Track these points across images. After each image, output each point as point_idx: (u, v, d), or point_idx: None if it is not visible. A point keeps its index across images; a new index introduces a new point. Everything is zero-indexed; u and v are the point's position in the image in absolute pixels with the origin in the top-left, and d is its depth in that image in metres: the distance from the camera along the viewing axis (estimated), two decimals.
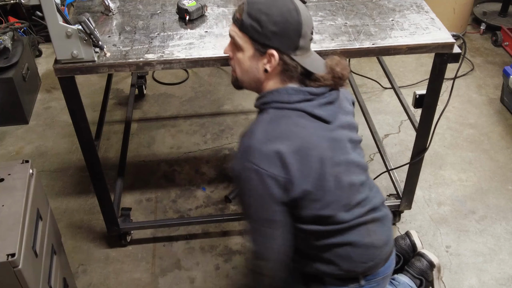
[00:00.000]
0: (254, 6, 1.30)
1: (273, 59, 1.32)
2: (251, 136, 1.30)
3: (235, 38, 1.35)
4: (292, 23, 1.30)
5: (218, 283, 2.22)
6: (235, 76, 1.44)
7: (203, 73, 3.49)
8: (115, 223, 2.22)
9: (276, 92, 1.35)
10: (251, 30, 1.30)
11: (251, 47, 1.33)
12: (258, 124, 1.33)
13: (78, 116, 1.82)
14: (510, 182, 2.68)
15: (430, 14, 1.96)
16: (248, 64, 1.36)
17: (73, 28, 1.57)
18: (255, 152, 1.27)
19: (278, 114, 1.33)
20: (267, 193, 1.28)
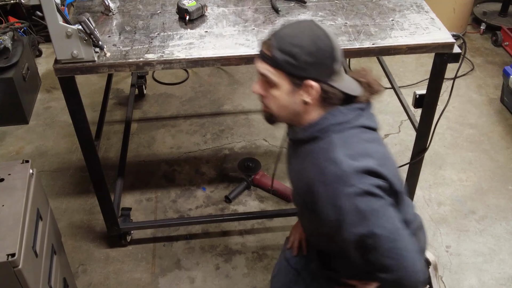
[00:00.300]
0: (284, 40, 1.24)
1: (312, 89, 1.26)
2: (335, 164, 1.23)
3: (268, 76, 1.26)
4: (325, 49, 1.25)
5: (218, 283, 2.22)
6: (269, 113, 1.34)
7: (203, 73, 3.49)
8: (115, 223, 2.22)
9: (330, 115, 1.30)
10: (285, 65, 1.23)
11: (287, 81, 1.26)
12: (332, 151, 1.25)
13: (78, 116, 1.82)
14: (510, 182, 2.68)
15: (430, 14, 1.96)
16: (286, 99, 1.28)
17: (73, 28, 1.57)
18: (350, 175, 1.21)
19: (344, 136, 1.28)
20: (382, 202, 1.24)
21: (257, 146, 2.90)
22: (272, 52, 1.24)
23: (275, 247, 2.36)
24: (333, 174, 1.22)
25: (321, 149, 1.27)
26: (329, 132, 1.28)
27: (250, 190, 2.64)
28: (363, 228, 1.21)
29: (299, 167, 1.35)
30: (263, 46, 1.28)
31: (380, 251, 1.23)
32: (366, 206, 1.20)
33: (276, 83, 1.26)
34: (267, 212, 2.46)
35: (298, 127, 1.33)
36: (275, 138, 2.95)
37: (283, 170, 2.72)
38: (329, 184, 1.22)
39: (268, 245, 2.38)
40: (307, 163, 1.30)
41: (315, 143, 1.30)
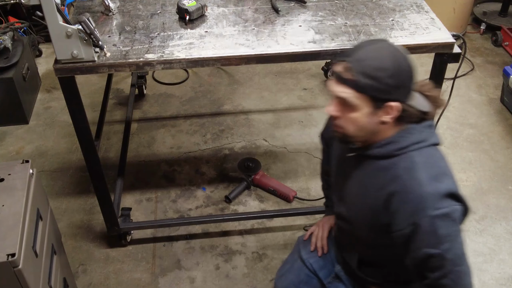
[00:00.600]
0: (365, 63, 1.23)
1: (393, 110, 1.27)
2: (420, 186, 1.26)
3: (348, 100, 1.26)
4: (407, 71, 1.27)
5: (218, 283, 2.22)
6: (343, 133, 1.34)
7: (203, 73, 3.49)
8: (115, 223, 2.22)
9: (408, 134, 1.32)
10: (369, 89, 1.23)
11: (368, 104, 1.26)
12: (417, 172, 1.27)
13: (78, 116, 1.82)
14: (510, 182, 2.68)
15: (430, 14, 1.96)
16: (364, 121, 1.28)
17: (73, 28, 1.57)
18: (434, 197, 1.24)
19: (423, 155, 1.31)
20: (457, 228, 1.28)
21: (257, 146, 2.90)
22: (354, 76, 1.23)
23: (275, 247, 2.36)
24: (418, 194, 1.25)
25: (404, 169, 1.29)
26: (408, 151, 1.31)
27: (250, 190, 2.64)
28: (435, 250, 1.25)
29: (369, 181, 1.36)
30: (342, 69, 1.26)
31: (443, 271, 1.28)
32: (443, 230, 1.24)
33: (357, 106, 1.26)
34: (267, 212, 2.46)
35: (373, 144, 1.34)
36: (275, 138, 2.95)
37: (283, 170, 2.73)
38: (413, 204, 1.25)
39: (268, 245, 2.38)
40: (383, 179, 1.32)
41: (392, 160, 1.32)
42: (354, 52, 1.27)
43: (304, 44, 1.79)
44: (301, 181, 2.68)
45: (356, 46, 1.30)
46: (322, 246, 1.74)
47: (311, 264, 1.72)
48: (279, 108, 3.18)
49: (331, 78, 1.32)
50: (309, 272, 1.72)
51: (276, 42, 1.80)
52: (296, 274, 1.74)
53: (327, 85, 1.32)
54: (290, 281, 1.74)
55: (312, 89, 3.34)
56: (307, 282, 1.72)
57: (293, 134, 2.98)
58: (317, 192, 2.61)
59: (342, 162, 1.50)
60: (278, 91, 3.32)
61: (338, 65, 1.28)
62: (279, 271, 1.82)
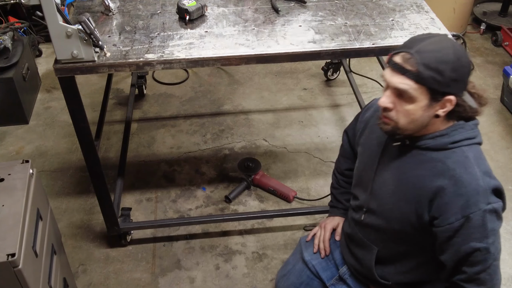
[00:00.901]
0: (429, 55, 1.23)
1: (449, 104, 1.29)
2: (475, 179, 1.29)
3: (407, 91, 1.25)
4: (466, 66, 1.28)
5: (218, 283, 2.22)
6: (393, 126, 1.34)
7: (203, 73, 3.49)
8: (115, 223, 2.22)
9: (461, 129, 1.34)
10: (431, 81, 1.23)
11: (427, 97, 1.26)
12: (471, 166, 1.31)
13: (78, 116, 1.82)
14: (510, 182, 2.68)
15: (430, 14, 1.96)
16: (419, 114, 1.29)
17: (73, 28, 1.57)
18: (487, 192, 1.29)
19: (473, 152, 1.34)
20: (500, 223, 1.32)
21: (257, 146, 2.90)
22: (416, 67, 1.23)
23: (275, 247, 2.36)
24: (472, 188, 1.28)
25: (457, 162, 1.31)
26: (460, 145, 1.33)
27: (250, 190, 2.64)
28: (481, 244, 1.28)
29: (413, 173, 1.37)
30: (403, 60, 1.26)
31: (484, 266, 1.30)
32: (491, 224, 1.28)
33: (414, 98, 1.26)
34: (267, 212, 2.46)
35: (424, 136, 1.35)
36: (275, 138, 2.95)
37: (283, 170, 2.73)
38: (466, 197, 1.28)
39: (268, 245, 2.38)
40: (430, 170, 1.34)
41: (443, 153, 1.33)
42: (414, 43, 1.27)
43: (304, 44, 1.79)
44: (301, 181, 2.69)
45: (414, 38, 1.30)
46: (325, 248, 1.74)
47: (314, 266, 1.72)
48: (279, 108, 3.18)
49: (387, 68, 1.31)
50: (310, 273, 1.72)
51: (276, 42, 1.80)
52: (297, 275, 1.74)
53: (383, 74, 1.33)
54: (291, 282, 1.74)
55: (312, 89, 3.34)
56: (308, 283, 1.72)
57: (293, 134, 2.99)
58: (317, 192, 2.61)
59: (378, 153, 1.49)
60: (278, 91, 3.32)
61: (396, 55, 1.28)
62: (280, 271, 1.82)
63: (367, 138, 1.57)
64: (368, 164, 1.53)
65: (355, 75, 3.19)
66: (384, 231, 1.49)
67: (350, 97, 3.22)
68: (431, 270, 1.50)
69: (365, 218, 1.55)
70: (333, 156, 2.82)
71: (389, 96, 1.31)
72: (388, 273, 1.55)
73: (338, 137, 2.96)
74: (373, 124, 1.55)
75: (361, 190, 1.57)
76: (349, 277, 1.67)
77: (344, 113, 3.14)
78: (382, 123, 1.36)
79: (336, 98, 3.26)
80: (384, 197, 1.45)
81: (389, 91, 1.31)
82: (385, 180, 1.45)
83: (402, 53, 1.27)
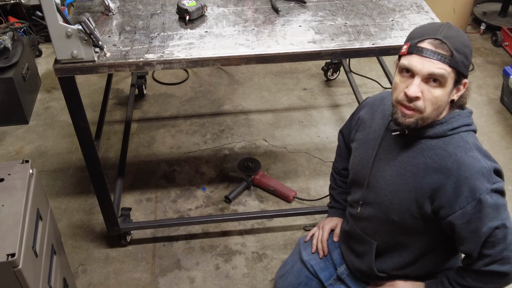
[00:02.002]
0: (455, 40, 1.28)
1: (463, 87, 1.34)
2: (478, 161, 1.32)
3: (444, 76, 1.27)
4: (472, 49, 1.34)
5: (218, 283, 2.22)
6: (418, 117, 1.33)
7: (203, 73, 3.49)
8: (115, 223, 2.22)
9: (458, 116, 1.38)
10: (461, 64, 1.28)
11: (453, 81, 1.30)
12: (471, 150, 1.34)
13: (78, 116, 1.82)
14: (510, 182, 2.68)
15: (430, 14, 1.96)
16: (444, 98, 1.31)
17: (73, 28, 1.57)
18: (491, 173, 1.31)
19: (472, 136, 1.38)
20: (505, 200, 1.36)
21: (257, 146, 2.90)
22: (450, 52, 1.27)
23: (275, 247, 2.36)
24: (478, 170, 1.30)
25: (458, 147, 1.34)
26: (459, 131, 1.37)
27: (250, 190, 2.64)
28: (498, 222, 1.31)
29: (415, 161, 1.39)
30: (431, 46, 1.28)
31: (505, 243, 1.33)
32: (500, 201, 1.32)
33: (446, 82, 1.29)
34: (267, 212, 2.46)
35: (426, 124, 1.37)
36: (275, 138, 2.95)
37: (283, 170, 2.73)
38: (473, 179, 1.30)
39: (268, 245, 2.38)
40: (432, 158, 1.36)
41: (443, 139, 1.36)
42: (436, 30, 1.29)
43: (304, 44, 1.79)
44: (301, 181, 2.69)
45: (427, 27, 1.33)
46: (323, 248, 1.74)
47: (312, 266, 1.72)
48: (279, 108, 3.19)
49: (411, 56, 1.30)
50: (309, 273, 1.72)
51: (276, 42, 1.80)
52: (296, 275, 1.74)
53: (407, 64, 1.30)
54: (290, 282, 1.74)
55: (312, 89, 3.34)
56: (306, 283, 1.72)
57: (293, 134, 2.99)
58: (317, 192, 2.61)
59: (376, 145, 1.49)
60: (278, 91, 3.32)
61: (423, 42, 1.29)
62: (279, 271, 1.82)
63: (362, 133, 1.58)
64: (364, 159, 1.53)
65: (355, 75, 3.19)
66: (382, 223, 1.50)
67: (350, 97, 3.22)
68: (430, 264, 1.51)
69: (362, 211, 1.55)
70: (333, 156, 2.79)
71: (418, 84, 1.30)
72: (388, 267, 1.55)
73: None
74: (369, 119, 1.56)
75: (358, 185, 1.57)
76: (347, 277, 1.67)
77: (344, 113, 3.14)
78: (403, 116, 1.34)
79: (336, 98, 3.26)
80: (382, 189, 1.46)
81: (417, 79, 1.29)
82: (383, 171, 1.46)
83: (430, 39, 1.28)
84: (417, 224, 1.41)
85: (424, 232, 1.43)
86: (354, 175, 1.60)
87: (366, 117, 1.58)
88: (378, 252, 1.55)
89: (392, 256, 1.54)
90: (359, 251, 1.61)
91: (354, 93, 2.97)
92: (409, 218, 1.41)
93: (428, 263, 1.51)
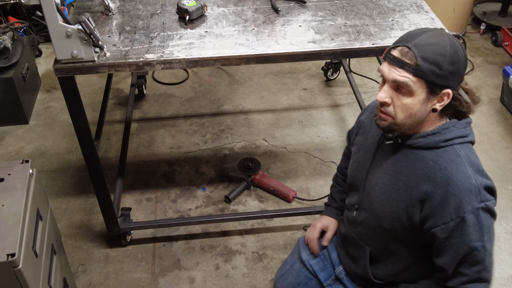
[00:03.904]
0: (427, 49, 1.23)
1: (446, 97, 1.29)
2: (468, 178, 1.28)
3: (407, 84, 1.25)
4: (463, 59, 1.28)
5: (218, 283, 2.22)
6: (391, 121, 1.33)
7: (203, 73, 3.49)
8: (115, 223, 2.22)
9: (453, 127, 1.34)
10: (429, 74, 1.23)
11: (425, 90, 1.25)
12: (463, 165, 1.30)
13: (78, 116, 1.82)
14: (510, 182, 2.68)
15: (430, 14, 1.96)
16: (417, 108, 1.28)
17: (73, 28, 1.57)
18: (479, 190, 1.28)
19: (465, 150, 1.33)
20: (493, 221, 1.32)
21: (257, 146, 2.90)
22: (415, 60, 1.23)
23: (275, 247, 2.36)
24: (465, 187, 1.27)
25: (450, 161, 1.31)
26: (452, 144, 1.33)
27: (250, 190, 2.64)
28: (478, 243, 1.28)
29: (406, 171, 1.37)
30: (399, 53, 1.26)
31: (483, 265, 1.31)
32: (485, 222, 1.28)
33: (413, 91, 1.26)
34: (267, 212, 2.46)
35: (415, 134, 1.35)
36: (275, 138, 2.95)
37: (283, 170, 2.73)
38: (459, 196, 1.27)
39: (268, 245, 2.38)
40: (423, 170, 1.33)
41: (435, 151, 1.33)
42: (411, 37, 1.26)
43: (304, 44, 1.79)
44: (301, 181, 2.69)
45: (410, 32, 1.30)
46: (313, 247, 1.74)
47: (311, 266, 1.72)
48: (279, 108, 3.19)
49: (384, 62, 1.30)
50: (308, 273, 1.72)
51: (276, 42, 1.80)
52: (295, 275, 1.74)
53: (380, 69, 1.31)
54: (289, 282, 1.74)
55: (312, 89, 3.34)
56: (306, 283, 1.72)
57: (293, 134, 2.99)
58: (316, 192, 2.61)
59: (372, 152, 1.49)
60: (278, 91, 3.32)
61: (394, 50, 1.27)
62: (279, 271, 1.82)
63: (361, 137, 1.58)
64: (361, 163, 1.53)
65: (355, 75, 3.19)
66: (374, 230, 1.50)
67: (350, 97, 3.22)
68: (425, 271, 1.50)
69: (357, 216, 1.55)
70: (333, 156, 2.82)
71: (386, 90, 1.30)
72: (383, 274, 1.55)
73: (338, 137, 2.96)
74: (368, 124, 1.55)
75: (354, 189, 1.57)
76: (345, 277, 1.67)
77: (344, 113, 3.14)
78: (379, 119, 1.36)
79: (336, 98, 3.26)
80: (376, 196, 1.45)
81: (386, 85, 1.30)
82: (377, 179, 1.45)
83: (400, 47, 1.26)
84: (407, 233, 1.40)
85: (414, 241, 1.42)
86: (351, 179, 1.60)
87: (366, 121, 1.58)
88: (372, 258, 1.55)
89: (386, 263, 1.54)
90: (354, 255, 1.61)
91: (354, 93, 2.97)
92: (400, 227, 1.41)
93: (422, 270, 1.50)
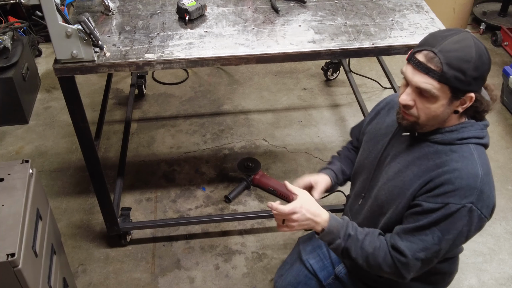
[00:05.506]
0: (452, 55, 1.22)
1: (469, 101, 1.28)
2: (476, 178, 1.29)
3: (430, 91, 1.24)
4: (487, 63, 1.28)
5: (218, 283, 2.22)
6: (413, 121, 1.34)
7: (203, 73, 3.49)
8: (115, 223, 2.22)
9: (471, 127, 1.35)
10: (453, 80, 1.23)
11: (447, 95, 1.26)
12: (475, 164, 1.30)
13: (78, 116, 1.82)
14: (510, 182, 2.68)
15: (430, 14, 1.96)
16: (439, 110, 1.29)
17: (73, 28, 1.57)
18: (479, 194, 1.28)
19: (479, 151, 1.34)
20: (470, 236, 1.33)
21: (257, 146, 2.90)
22: (440, 67, 1.23)
23: (274, 247, 2.36)
24: (469, 183, 1.28)
25: (463, 157, 1.32)
26: (468, 143, 1.34)
27: (250, 190, 2.64)
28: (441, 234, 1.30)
29: (418, 162, 1.38)
30: (424, 58, 1.25)
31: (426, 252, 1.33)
32: (460, 223, 1.29)
33: (437, 97, 1.26)
34: (267, 212, 2.45)
35: (435, 130, 1.35)
36: (275, 138, 2.95)
37: (283, 170, 2.73)
38: (459, 187, 1.28)
39: (268, 245, 2.38)
40: (434, 161, 1.34)
41: (450, 147, 1.34)
42: (436, 41, 1.25)
43: (304, 44, 1.79)
44: None
45: (435, 35, 1.29)
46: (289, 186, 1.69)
47: (311, 265, 1.72)
48: (279, 108, 3.19)
49: (407, 65, 1.29)
50: (308, 273, 1.72)
51: (276, 42, 1.80)
52: (295, 275, 1.74)
53: (403, 72, 1.31)
54: (289, 282, 1.74)
55: (312, 89, 3.34)
56: (306, 283, 1.72)
57: (293, 134, 2.99)
58: None
59: (386, 141, 1.49)
60: (278, 91, 3.32)
61: (419, 53, 1.26)
62: (279, 271, 1.82)
63: (374, 127, 1.59)
64: (372, 152, 1.54)
65: (355, 75, 3.19)
66: (374, 219, 1.50)
67: (350, 97, 3.22)
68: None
69: (362, 204, 1.56)
70: None
71: (409, 93, 1.30)
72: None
73: (338, 137, 2.96)
74: (384, 116, 1.57)
75: (362, 177, 1.58)
76: (344, 276, 1.67)
77: (344, 113, 3.14)
78: (402, 118, 1.36)
79: (336, 98, 3.26)
80: (383, 183, 1.46)
81: (409, 88, 1.30)
82: (388, 167, 1.46)
83: (425, 51, 1.25)
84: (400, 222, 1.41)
85: None
86: (359, 168, 1.60)
87: (382, 112, 1.60)
88: None
89: None
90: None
91: (354, 93, 2.97)
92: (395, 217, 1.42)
93: None
